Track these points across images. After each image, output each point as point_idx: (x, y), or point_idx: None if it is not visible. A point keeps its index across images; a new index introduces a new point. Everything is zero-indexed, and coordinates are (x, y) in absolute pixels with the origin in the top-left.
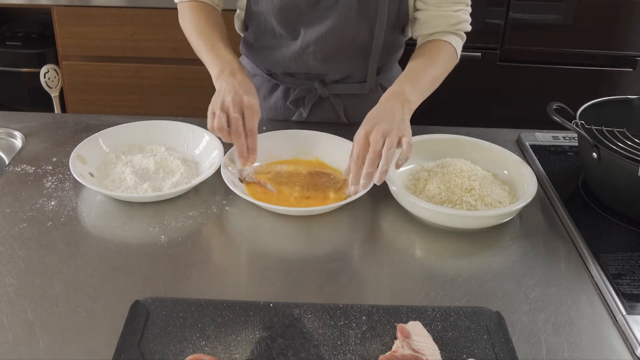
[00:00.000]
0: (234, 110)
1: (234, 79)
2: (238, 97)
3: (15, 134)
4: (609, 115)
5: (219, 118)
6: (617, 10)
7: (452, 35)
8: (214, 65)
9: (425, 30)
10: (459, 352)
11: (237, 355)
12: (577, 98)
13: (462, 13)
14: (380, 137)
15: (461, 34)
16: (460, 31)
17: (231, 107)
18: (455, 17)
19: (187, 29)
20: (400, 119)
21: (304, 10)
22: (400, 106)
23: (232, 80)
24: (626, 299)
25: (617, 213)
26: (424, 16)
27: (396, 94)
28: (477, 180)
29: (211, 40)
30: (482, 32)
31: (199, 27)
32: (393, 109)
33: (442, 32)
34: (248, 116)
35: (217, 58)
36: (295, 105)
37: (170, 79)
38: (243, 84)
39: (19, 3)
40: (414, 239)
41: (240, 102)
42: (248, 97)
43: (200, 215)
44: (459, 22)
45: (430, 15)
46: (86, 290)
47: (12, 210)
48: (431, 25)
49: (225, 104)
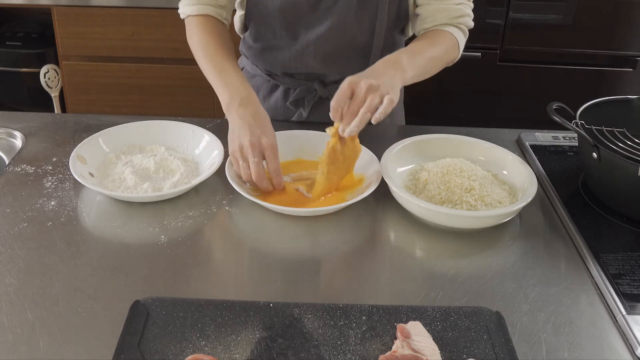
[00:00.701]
0: (254, 155)
1: (245, 111)
2: (255, 138)
3: (15, 134)
4: (609, 115)
5: (244, 169)
6: (617, 10)
7: (453, 27)
8: (223, 92)
9: (427, 25)
10: (459, 352)
11: (237, 355)
12: (577, 98)
13: (463, 7)
14: (365, 92)
15: (463, 28)
16: (462, 25)
17: (250, 152)
18: (457, 10)
19: (194, 48)
20: (389, 81)
21: (304, 10)
22: (394, 72)
23: (244, 114)
24: (626, 299)
25: (617, 213)
26: (425, 10)
27: (393, 62)
28: (477, 180)
29: (219, 62)
30: (482, 32)
31: (206, 47)
32: (385, 71)
33: (444, 24)
34: (269, 157)
35: (225, 85)
36: (295, 105)
37: (170, 79)
38: (256, 116)
39: (19, 3)
40: (414, 239)
41: (259, 144)
42: (266, 137)
43: (200, 215)
44: (461, 15)
45: (432, 9)
46: (86, 290)
47: (12, 210)
48: (433, 18)
49: (244, 151)
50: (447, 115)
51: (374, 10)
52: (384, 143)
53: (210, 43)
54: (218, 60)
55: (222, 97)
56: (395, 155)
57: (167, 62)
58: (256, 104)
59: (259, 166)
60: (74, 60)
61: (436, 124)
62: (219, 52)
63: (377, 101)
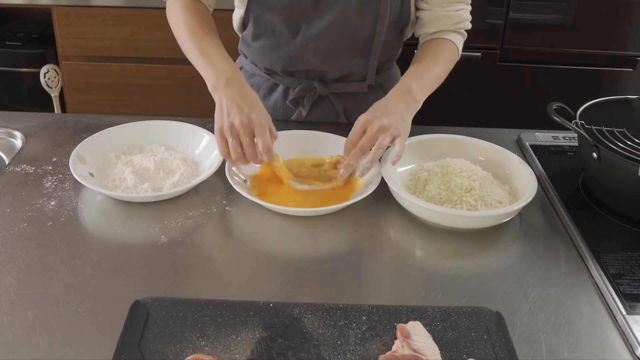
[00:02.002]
0: (245, 133)
1: (232, 90)
2: (245, 116)
3: (15, 134)
4: (609, 115)
5: (234, 148)
6: (617, 10)
7: (454, 33)
8: (208, 73)
9: (428, 29)
10: (459, 352)
11: (237, 355)
12: (577, 98)
13: (463, 12)
14: (376, 132)
15: (462, 32)
16: (462, 29)
17: (241, 131)
18: (458, 17)
19: (178, 28)
20: (401, 117)
21: (306, 6)
22: (406, 106)
23: (231, 93)
24: (626, 299)
25: (617, 213)
26: (427, 16)
27: (404, 92)
28: (477, 180)
29: (203, 44)
30: (482, 32)
31: (190, 27)
32: (398, 106)
33: (445, 30)
34: (259, 134)
35: (211, 66)
36: (295, 104)
37: (170, 79)
38: (243, 94)
39: (19, 3)
40: (414, 239)
41: (249, 122)
42: (255, 114)
43: (200, 215)
44: (461, 20)
45: (434, 15)
46: (86, 290)
47: (12, 210)
48: (435, 24)
49: (234, 128)
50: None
51: (376, 8)
52: None
53: (194, 24)
54: (203, 42)
55: (208, 77)
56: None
57: (167, 62)
58: (243, 82)
59: (252, 146)
60: (74, 60)
61: (436, 124)
62: (203, 33)
63: (387, 141)
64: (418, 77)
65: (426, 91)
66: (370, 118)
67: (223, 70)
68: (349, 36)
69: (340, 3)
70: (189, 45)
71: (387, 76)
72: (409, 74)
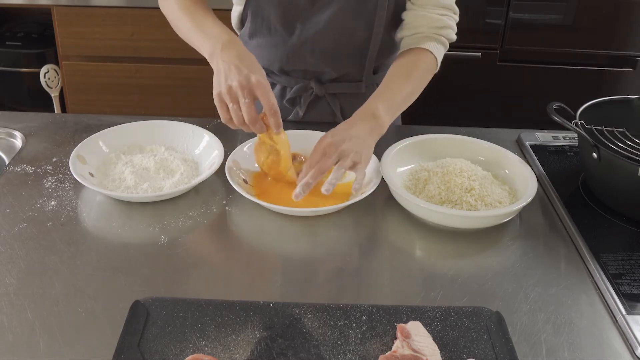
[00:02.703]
0: (244, 95)
1: (230, 53)
2: (244, 77)
3: (15, 134)
4: (609, 115)
5: (235, 112)
6: (617, 10)
7: (433, 41)
8: (205, 43)
9: (407, 32)
10: (459, 352)
11: (237, 355)
12: (577, 98)
13: (447, 18)
14: (336, 157)
15: (443, 41)
16: (443, 37)
17: (240, 93)
18: (439, 21)
19: (170, 10)
20: (363, 142)
21: (302, 5)
22: (369, 131)
23: (228, 56)
24: (626, 299)
25: (617, 213)
26: (407, 16)
27: (370, 116)
28: (477, 180)
29: (197, 18)
30: (482, 32)
31: (182, 5)
32: (361, 131)
33: (424, 35)
34: (262, 95)
35: (206, 36)
36: (292, 104)
37: (170, 79)
38: (242, 56)
39: (19, 3)
40: (414, 239)
41: (249, 83)
42: (255, 75)
43: (200, 215)
44: (443, 26)
45: (414, 15)
46: (86, 290)
47: (12, 210)
48: (413, 25)
49: (232, 91)
50: (447, 115)
51: (373, 8)
52: (383, 143)
53: (188, 4)
54: (196, 16)
55: (204, 47)
56: (395, 155)
57: (167, 62)
58: (239, 45)
59: (251, 107)
60: (74, 60)
61: (436, 124)
62: (195, 8)
63: (348, 164)
64: (386, 98)
65: (393, 113)
66: (331, 142)
67: (218, 35)
68: (345, 37)
69: (337, 3)
70: (182, 21)
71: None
72: (378, 94)
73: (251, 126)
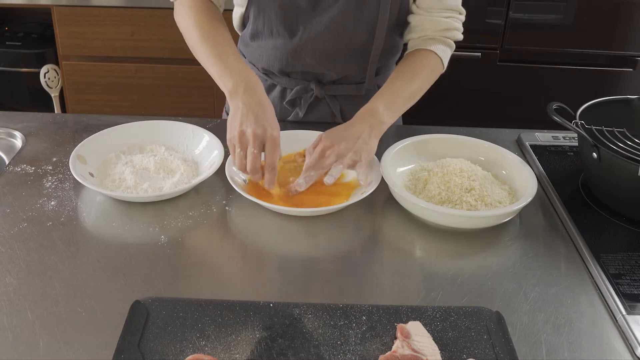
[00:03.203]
0: (254, 145)
1: (252, 99)
2: (260, 128)
3: (15, 134)
4: (609, 115)
5: (240, 159)
6: (617, 10)
7: (439, 43)
8: (226, 78)
9: (414, 34)
10: (459, 352)
11: (237, 355)
12: (577, 98)
13: (452, 20)
14: (334, 157)
15: (449, 42)
16: (449, 39)
17: (251, 142)
18: (445, 23)
19: (188, 30)
20: (362, 142)
21: (303, 7)
22: (369, 130)
23: (250, 102)
24: (626, 299)
25: (617, 213)
26: (414, 20)
27: (370, 115)
28: (477, 180)
29: (218, 47)
30: (482, 32)
31: (202, 29)
32: (360, 131)
33: (430, 38)
34: (269, 150)
35: (229, 70)
36: (292, 105)
37: (170, 79)
38: (262, 106)
39: (19, 3)
40: (414, 239)
41: (263, 135)
42: (271, 129)
43: (200, 215)
44: (449, 28)
45: (420, 19)
46: (86, 290)
47: (12, 210)
48: (420, 29)
49: (245, 137)
50: (447, 115)
51: (375, 11)
52: (383, 143)
53: (207, 26)
54: (217, 45)
55: (225, 82)
56: (395, 155)
57: (167, 62)
58: (262, 92)
59: (257, 158)
60: (74, 60)
61: (436, 124)
62: (217, 36)
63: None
64: (388, 97)
65: (395, 113)
66: (329, 144)
67: (243, 76)
68: (346, 39)
69: (338, 6)
70: (202, 48)
71: (386, 79)
72: (380, 94)
73: (250, 174)
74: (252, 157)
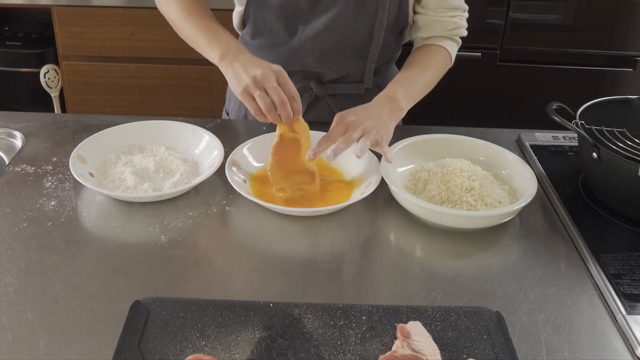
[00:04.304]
0: (271, 81)
1: (244, 57)
2: (268, 69)
3: (15, 134)
4: (609, 115)
5: (263, 98)
6: (617, 10)
7: (447, 40)
8: (214, 46)
9: (422, 34)
10: (459, 352)
11: (237, 355)
12: (577, 98)
13: (458, 19)
14: (359, 132)
15: (457, 39)
16: (456, 36)
17: (266, 80)
18: (452, 23)
19: (171, 11)
20: (384, 123)
21: (303, 6)
22: (389, 112)
23: (243, 59)
24: (626, 299)
25: (617, 213)
26: (421, 20)
27: (389, 99)
28: (477, 180)
29: (203, 23)
30: (482, 32)
31: (188, 9)
32: (381, 112)
33: (438, 36)
34: (283, 82)
35: (216, 39)
36: None
37: (170, 79)
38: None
39: (19, 3)
40: (414, 239)
41: (271, 71)
42: (276, 66)
43: (200, 215)
44: (455, 27)
45: (428, 19)
46: (86, 290)
47: (12, 210)
48: (428, 29)
49: (258, 79)
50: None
51: (374, 10)
52: None
53: (191, 7)
54: (202, 21)
55: (214, 50)
56: (395, 155)
57: (167, 62)
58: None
59: (279, 90)
60: (74, 60)
61: (436, 124)
62: (204, 13)
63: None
64: (405, 85)
65: (412, 100)
66: (354, 120)
67: (231, 43)
68: (345, 38)
69: (337, 5)
70: (187, 24)
71: (385, 78)
72: (396, 81)
73: (280, 109)
74: (274, 91)
